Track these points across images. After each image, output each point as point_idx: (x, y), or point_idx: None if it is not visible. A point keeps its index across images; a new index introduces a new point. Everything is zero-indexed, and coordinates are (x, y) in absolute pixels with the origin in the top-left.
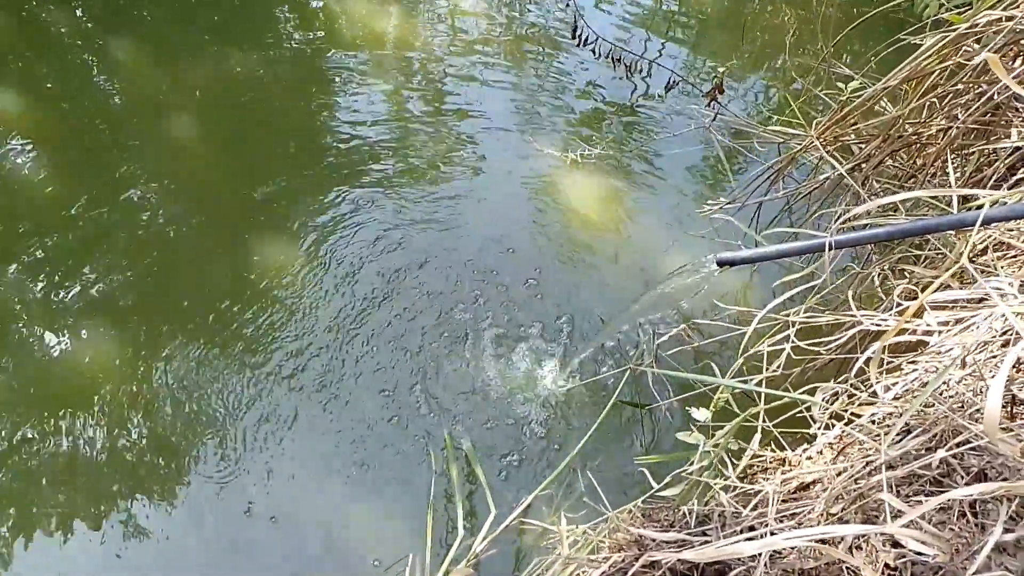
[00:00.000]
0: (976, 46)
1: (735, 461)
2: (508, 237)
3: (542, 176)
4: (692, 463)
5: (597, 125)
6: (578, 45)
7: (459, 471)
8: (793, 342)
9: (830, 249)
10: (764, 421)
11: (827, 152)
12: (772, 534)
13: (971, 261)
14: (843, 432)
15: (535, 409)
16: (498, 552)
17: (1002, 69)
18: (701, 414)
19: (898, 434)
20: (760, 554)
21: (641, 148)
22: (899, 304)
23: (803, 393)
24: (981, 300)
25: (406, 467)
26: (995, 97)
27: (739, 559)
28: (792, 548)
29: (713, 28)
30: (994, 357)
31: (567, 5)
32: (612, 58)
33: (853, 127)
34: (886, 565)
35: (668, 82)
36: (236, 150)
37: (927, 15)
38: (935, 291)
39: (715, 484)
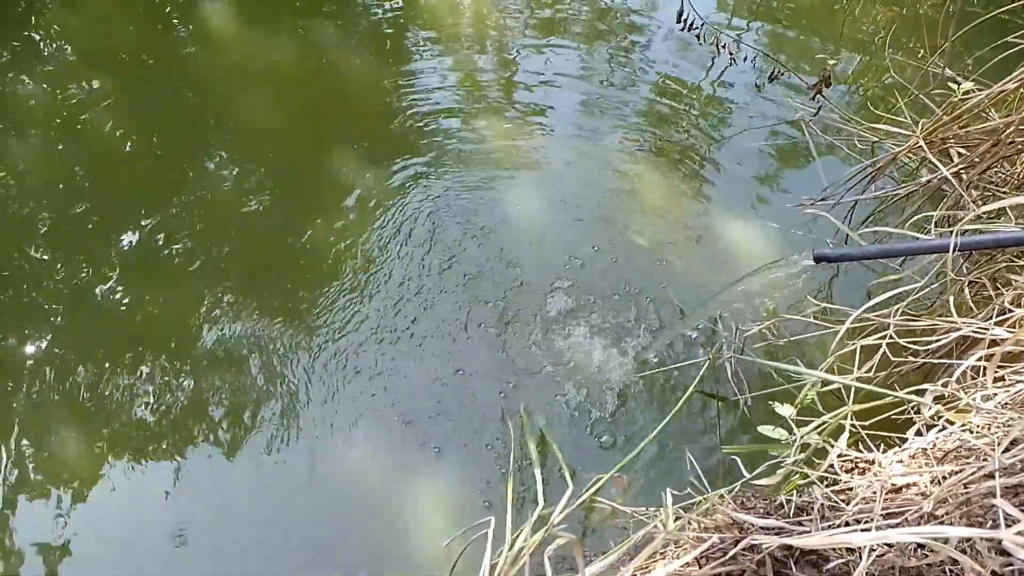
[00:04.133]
0: None
1: (816, 460)
2: (583, 221)
3: (621, 161)
4: (787, 456)
5: (683, 112)
6: (683, 29)
7: (536, 446)
8: (891, 339)
9: (954, 251)
10: (852, 421)
11: (932, 155)
12: (878, 529)
13: None
14: (939, 437)
15: (609, 393)
16: (567, 528)
17: None
18: (786, 410)
19: (1010, 443)
20: (864, 547)
21: (729, 138)
22: (1007, 312)
23: (909, 394)
24: None
25: (478, 442)
26: None
27: (837, 552)
28: (892, 546)
29: (805, 21)
30: None
31: None
32: (716, 44)
33: (964, 129)
34: (993, 572)
35: (772, 72)
36: (309, 120)
37: None
38: None
39: (812, 475)
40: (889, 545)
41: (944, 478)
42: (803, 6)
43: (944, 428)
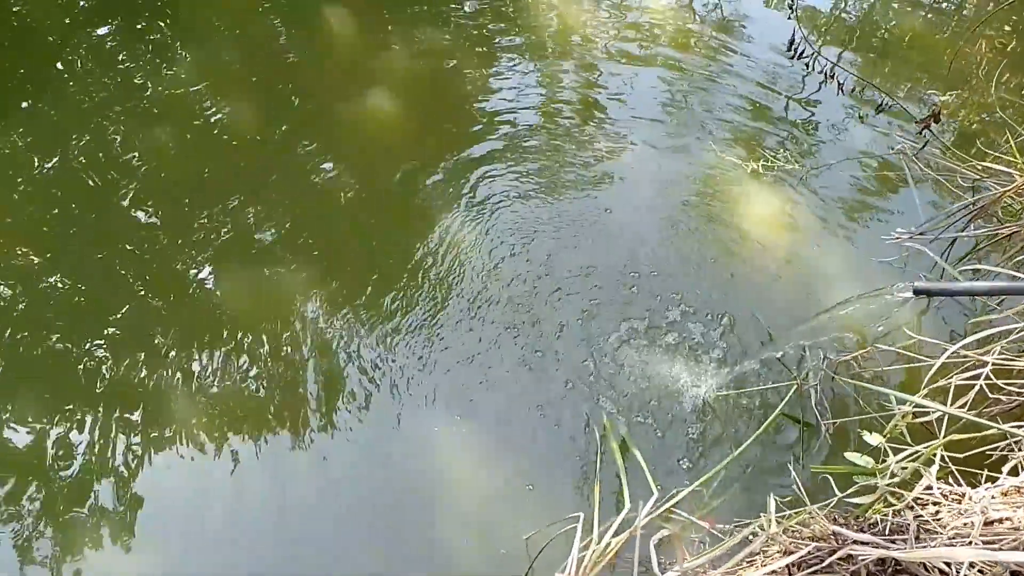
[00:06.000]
0: None
1: (899, 491)
2: (671, 240)
3: (714, 182)
4: (878, 480)
5: (780, 136)
6: (792, 57)
7: (619, 454)
8: (989, 379)
9: None
10: (943, 452)
11: None
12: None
13: None
14: None
15: (691, 410)
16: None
17: None
18: (874, 439)
19: None
20: (962, 567)
21: (827, 165)
22: None
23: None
24: None
25: (560, 449)
26: None
27: (929, 572)
28: (984, 573)
29: (901, 51)
30: None
31: (790, 15)
32: (826, 74)
33: None
34: None
35: (880, 104)
36: (403, 123)
37: None
38: None
39: (907, 497)
40: (981, 572)
41: None
42: (906, 36)
43: None
